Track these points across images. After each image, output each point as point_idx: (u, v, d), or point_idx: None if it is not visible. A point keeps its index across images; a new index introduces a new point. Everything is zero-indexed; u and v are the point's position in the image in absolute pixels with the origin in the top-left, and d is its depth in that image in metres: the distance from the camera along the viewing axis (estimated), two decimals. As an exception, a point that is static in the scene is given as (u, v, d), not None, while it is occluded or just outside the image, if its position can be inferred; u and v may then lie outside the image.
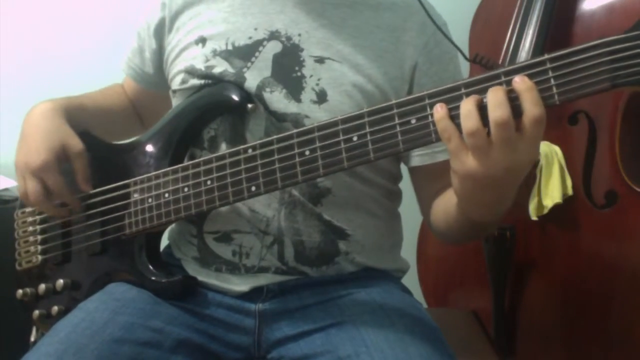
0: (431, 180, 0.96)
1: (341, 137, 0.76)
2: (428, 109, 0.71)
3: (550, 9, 1.26)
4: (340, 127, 0.77)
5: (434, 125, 0.70)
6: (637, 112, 1.18)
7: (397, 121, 0.73)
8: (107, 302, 0.91)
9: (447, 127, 0.69)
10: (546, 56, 0.66)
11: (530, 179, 1.25)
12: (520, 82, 0.66)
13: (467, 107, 0.67)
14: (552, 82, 0.66)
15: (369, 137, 0.75)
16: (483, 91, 0.68)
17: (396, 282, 1.03)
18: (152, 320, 0.88)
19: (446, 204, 0.89)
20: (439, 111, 0.69)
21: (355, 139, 0.76)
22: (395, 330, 0.85)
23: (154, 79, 1.09)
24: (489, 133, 0.67)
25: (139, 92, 1.14)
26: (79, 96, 1.08)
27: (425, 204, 0.99)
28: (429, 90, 0.71)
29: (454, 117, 0.69)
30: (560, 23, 1.27)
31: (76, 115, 1.01)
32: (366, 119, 0.75)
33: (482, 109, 0.67)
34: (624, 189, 1.18)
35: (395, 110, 0.73)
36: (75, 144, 0.96)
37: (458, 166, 0.70)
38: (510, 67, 0.68)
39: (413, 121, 0.72)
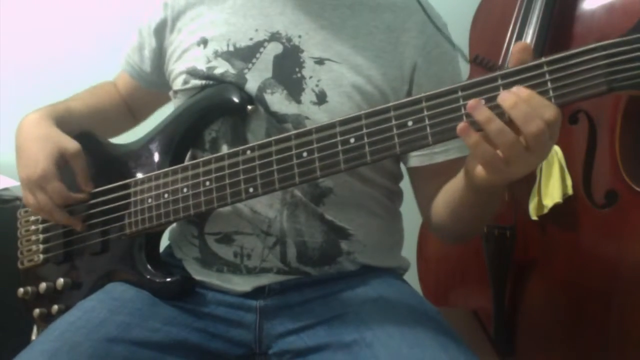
0: (430, 180, 0.96)
1: (338, 139, 0.77)
2: (425, 112, 0.71)
3: (550, 9, 1.26)
4: (338, 129, 0.77)
5: (431, 128, 0.71)
6: (637, 112, 1.18)
7: (394, 123, 0.73)
8: (104, 301, 0.91)
9: (477, 144, 0.69)
10: (543, 59, 0.67)
11: (530, 179, 1.25)
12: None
13: (496, 125, 0.67)
14: (549, 85, 0.66)
15: (366, 140, 0.75)
16: (481, 94, 0.68)
17: (396, 276, 1.03)
18: (149, 321, 0.89)
19: (448, 194, 0.90)
20: (472, 136, 0.68)
21: (352, 140, 0.76)
22: (398, 313, 0.86)
23: (151, 77, 1.09)
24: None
25: (134, 88, 1.14)
26: (64, 100, 1.07)
27: (424, 204, 0.99)
28: (426, 93, 0.72)
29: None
30: (560, 23, 1.27)
31: (64, 119, 1.01)
32: (363, 121, 0.75)
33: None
34: (624, 189, 1.17)
35: (392, 113, 0.73)
36: (71, 145, 0.96)
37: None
38: (508, 70, 0.68)
39: (410, 123, 0.72)
